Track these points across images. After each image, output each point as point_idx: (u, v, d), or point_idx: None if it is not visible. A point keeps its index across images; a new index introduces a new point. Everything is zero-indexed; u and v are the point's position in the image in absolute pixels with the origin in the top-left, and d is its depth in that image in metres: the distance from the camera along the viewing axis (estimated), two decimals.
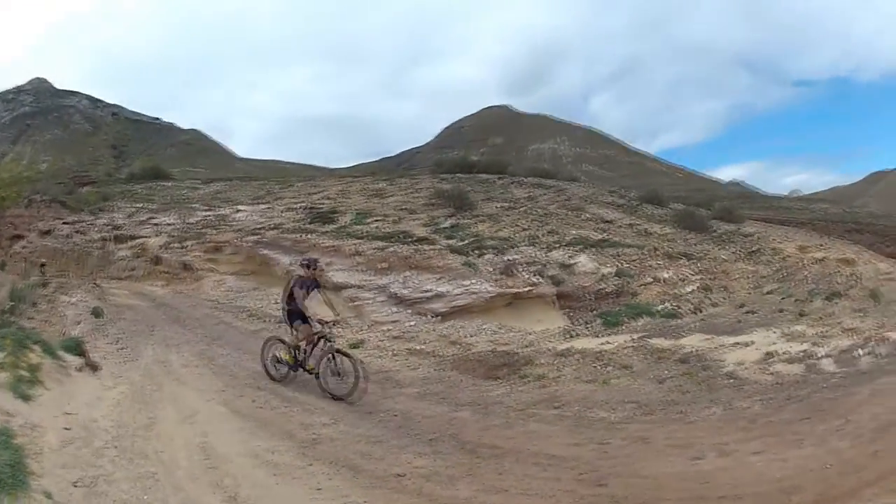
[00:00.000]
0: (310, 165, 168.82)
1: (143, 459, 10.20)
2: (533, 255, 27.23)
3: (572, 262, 27.43)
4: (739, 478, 11.58)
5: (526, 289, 23.80)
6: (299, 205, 34.64)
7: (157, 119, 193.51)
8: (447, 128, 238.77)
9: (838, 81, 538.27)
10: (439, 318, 22.39)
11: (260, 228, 29.47)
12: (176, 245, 31.98)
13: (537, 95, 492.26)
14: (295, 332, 15.79)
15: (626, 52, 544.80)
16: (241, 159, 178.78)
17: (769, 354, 20.95)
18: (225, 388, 14.58)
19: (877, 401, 16.03)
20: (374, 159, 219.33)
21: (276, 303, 23.65)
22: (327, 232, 27.76)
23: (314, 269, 16.36)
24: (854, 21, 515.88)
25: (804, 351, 21.64)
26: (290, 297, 15.93)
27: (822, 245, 49.88)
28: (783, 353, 21.27)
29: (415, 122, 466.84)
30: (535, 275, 25.04)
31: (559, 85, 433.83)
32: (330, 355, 15.19)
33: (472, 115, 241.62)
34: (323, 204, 34.66)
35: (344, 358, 15.20)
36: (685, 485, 11.22)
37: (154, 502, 8.93)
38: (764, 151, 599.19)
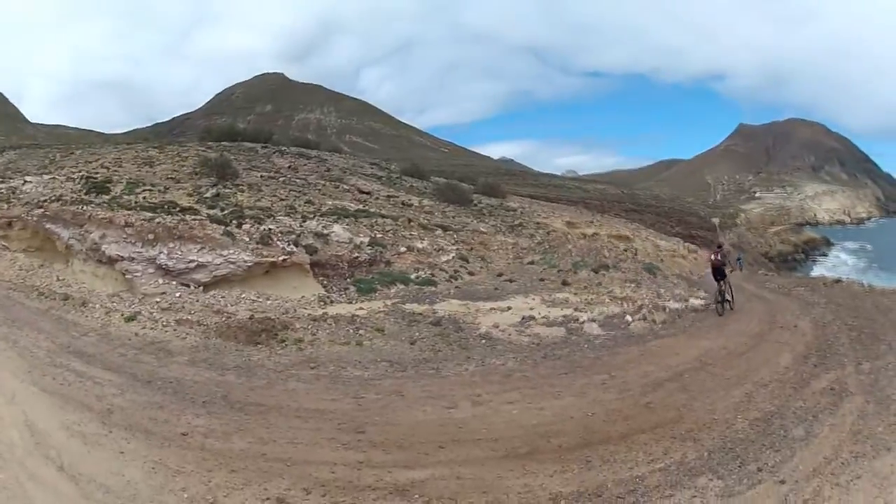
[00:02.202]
0: (91, 131, 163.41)
1: None
2: (290, 224, 27.55)
3: (327, 231, 27.80)
4: (494, 423, 12.87)
5: (282, 258, 24.09)
6: (78, 174, 33.28)
7: None
8: (219, 94, 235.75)
9: (634, 77, 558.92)
10: (202, 288, 22.58)
11: (44, 201, 27.69)
12: None
13: (311, 65, 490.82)
14: (722, 283, 26.35)
15: (405, 32, 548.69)
16: (33, 124, 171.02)
17: (527, 318, 21.87)
18: (31, 368, 14.69)
19: (648, 360, 17.91)
20: (148, 125, 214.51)
21: (59, 279, 23.41)
22: (102, 203, 26.55)
23: (721, 248, 30.64)
24: (662, 26, 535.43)
25: (566, 315, 22.73)
26: (716, 266, 26.90)
27: (593, 222, 51.96)
28: (542, 317, 22.30)
29: (191, 87, 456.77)
30: (290, 244, 25.34)
31: (334, 56, 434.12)
32: (728, 287, 26.72)
33: (245, 81, 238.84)
34: (98, 173, 33.57)
35: (729, 285, 27.02)
36: (441, 429, 12.45)
37: (9, 479, 9.67)
38: (540, 133, 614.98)
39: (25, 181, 32.70)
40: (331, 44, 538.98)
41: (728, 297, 26.43)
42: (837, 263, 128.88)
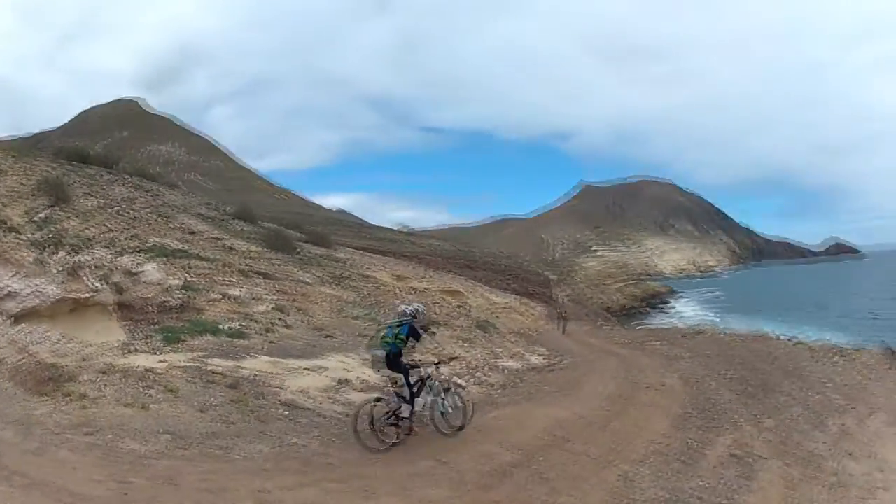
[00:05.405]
0: None
1: None
2: (103, 258, 25.96)
3: (139, 270, 26.42)
4: None
5: (87, 294, 22.43)
6: None
7: None
8: (80, 113, 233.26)
9: (475, 134, 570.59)
10: (13, 319, 20.75)
11: None
12: None
13: (168, 94, 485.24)
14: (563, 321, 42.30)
15: (260, 70, 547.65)
16: None
17: (342, 382, 20.42)
18: None
19: (487, 437, 15.14)
20: (10, 135, 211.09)
21: None
22: None
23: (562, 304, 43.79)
24: (508, 85, 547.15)
25: (387, 378, 20.74)
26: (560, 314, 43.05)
27: (424, 277, 51.84)
28: (360, 381, 20.79)
29: (63, 100, 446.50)
30: (99, 280, 23.73)
31: (190, 88, 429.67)
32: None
33: (105, 104, 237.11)
34: None
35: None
36: None
37: None
38: (376, 185, 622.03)
39: None
40: (189, 75, 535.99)
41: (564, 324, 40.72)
42: (685, 312, 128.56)
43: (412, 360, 15.45)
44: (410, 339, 15.06)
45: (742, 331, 38.72)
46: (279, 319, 28.69)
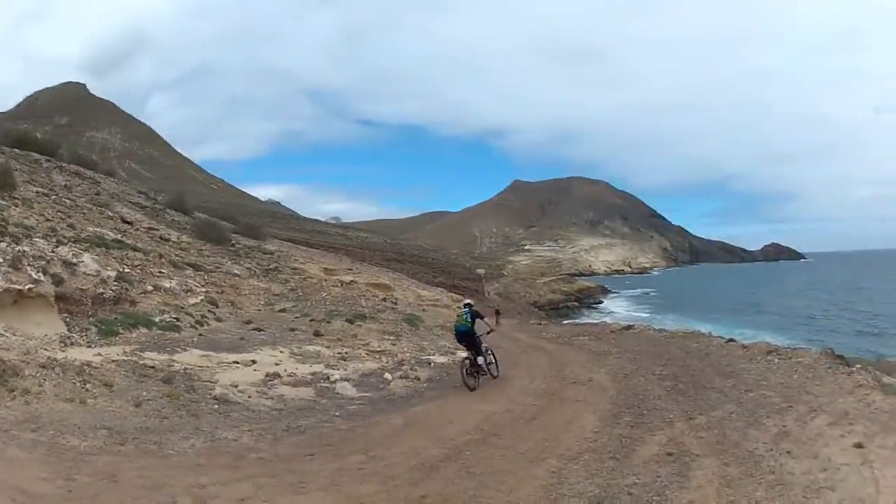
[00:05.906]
0: None
1: None
2: (43, 248, 25.65)
3: (76, 260, 26.01)
4: None
5: (28, 286, 21.97)
6: None
7: None
8: (30, 96, 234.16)
9: (411, 129, 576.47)
10: None
11: None
12: None
13: (113, 79, 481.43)
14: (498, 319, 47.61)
15: (202, 58, 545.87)
16: None
17: (271, 375, 20.33)
18: None
19: (415, 432, 15.14)
20: None
21: None
22: None
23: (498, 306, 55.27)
24: (447, 81, 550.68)
25: (315, 373, 21.36)
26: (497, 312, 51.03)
27: (351, 269, 52.04)
28: (289, 374, 20.88)
29: (12, 84, 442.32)
30: (39, 271, 23.40)
31: (133, 74, 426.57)
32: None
33: (51, 87, 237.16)
34: None
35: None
36: None
37: None
38: (308, 177, 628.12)
39: None
40: (134, 60, 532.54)
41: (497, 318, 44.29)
42: (616, 309, 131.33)
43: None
44: (476, 319, 21.77)
45: (672, 328, 37.39)
46: (210, 312, 29.09)
